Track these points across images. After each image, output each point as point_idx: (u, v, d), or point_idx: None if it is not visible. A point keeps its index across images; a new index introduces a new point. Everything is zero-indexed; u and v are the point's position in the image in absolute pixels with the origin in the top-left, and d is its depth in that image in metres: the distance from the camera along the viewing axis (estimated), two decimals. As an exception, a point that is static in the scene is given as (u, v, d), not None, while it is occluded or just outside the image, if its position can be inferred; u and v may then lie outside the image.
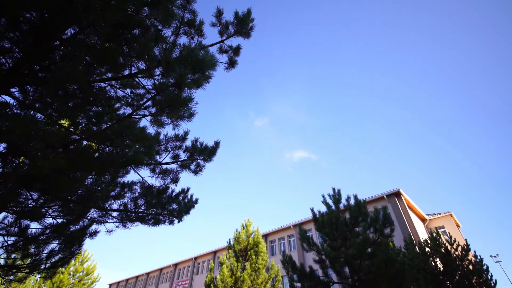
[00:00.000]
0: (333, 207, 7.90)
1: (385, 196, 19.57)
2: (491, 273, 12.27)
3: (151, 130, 3.49)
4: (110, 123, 3.24)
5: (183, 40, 5.04)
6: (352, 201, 7.64)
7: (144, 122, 6.40)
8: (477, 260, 12.70)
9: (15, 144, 3.70)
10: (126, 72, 3.27)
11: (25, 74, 3.48)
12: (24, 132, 3.52)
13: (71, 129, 4.47)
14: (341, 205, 7.90)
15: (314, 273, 7.22)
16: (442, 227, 21.64)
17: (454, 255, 12.67)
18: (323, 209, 8.14)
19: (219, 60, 4.79)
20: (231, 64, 4.46)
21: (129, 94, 3.38)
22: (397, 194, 19.33)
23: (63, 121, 4.71)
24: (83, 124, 4.47)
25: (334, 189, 8.10)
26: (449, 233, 15.76)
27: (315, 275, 7.16)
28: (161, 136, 4.23)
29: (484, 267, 12.43)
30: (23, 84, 3.54)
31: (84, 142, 4.56)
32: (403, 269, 6.40)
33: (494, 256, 30.53)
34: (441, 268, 12.51)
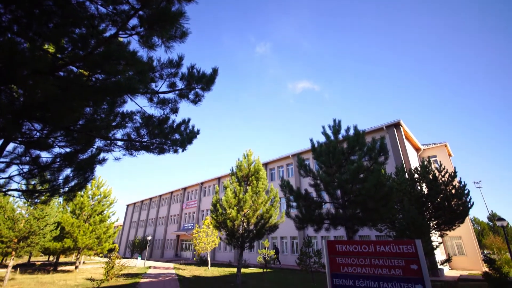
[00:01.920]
0: (332, 138, 8.06)
1: (384, 127, 19.85)
2: (470, 197, 13.50)
3: (143, 53, 3.21)
4: (96, 46, 2.96)
5: None
6: (351, 132, 7.74)
7: (134, 45, 5.95)
8: (461, 185, 13.76)
9: (1, 71, 3.50)
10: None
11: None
12: (7, 55, 3.28)
13: (58, 55, 4.17)
14: (340, 136, 8.04)
15: (308, 194, 7.92)
16: (435, 156, 22.68)
17: (441, 181, 13.68)
18: (323, 140, 8.32)
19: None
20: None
21: (112, 11, 2.96)
22: (397, 125, 19.56)
23: (48, 47, 4.36)
24: (70, 49, 4.14)
25: (334, 120, 8.11)
26: (440, 161, 16.61)
27: (309, 197, 7.87)
28: (155, 63, 3.95)
29: (466, 192, 13.59)
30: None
31: (75, 70, 4.32)
32: (391, 191, 6.96)
33: (477, 183, 33.09)
34: (426, 192, 13.70)
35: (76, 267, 18.89)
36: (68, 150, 5.88)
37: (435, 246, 10.98)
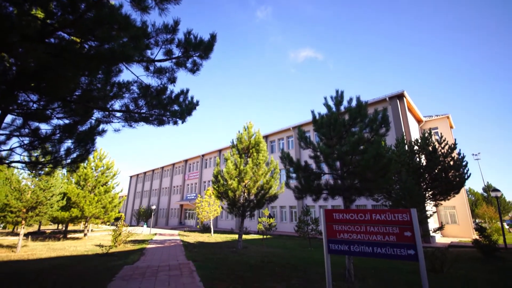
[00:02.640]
0: (334, 109, 7.93)
1: (387, 98, 19.52)
2: (468, 168, 13.68)
3: (136, 17, 3.00)
4: (86, 10, 2.77)
5: None
6: (353, 103, 7.59)
7: (127, 8, 5.63)
8: (460, 157, 13.87)
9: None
10: None
11: None
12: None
13: (48, 21, 3.94)
14: (342, 107, 7.91)
15: (308, 166, 8.01)
16: (436, 128, 22.58)
17: (440, 153, 13.77)
18: (324, 111, 8.20)
19: None
20: None
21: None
22: (400, 96, 19.20)
23: (37, 12, 4.11)
24: (59, 14, 3.91)
25: (337, 91, 7.92)
26: (440, 133, 16.58)
27: (309, 168, 7.97)
28: (149, 28, 3.73)
29: (464, 164, 13.73)
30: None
31: (67, 37, 4.12)
32: (390, 163, 7.02)
33: (476, 155, 33.38)
34: (424, 163, 13.86)
35: (85, 235, 19.86)
36: (67, 121, 5.84)
37: (429, 215, 11.40)
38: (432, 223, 18.42)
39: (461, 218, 20.29)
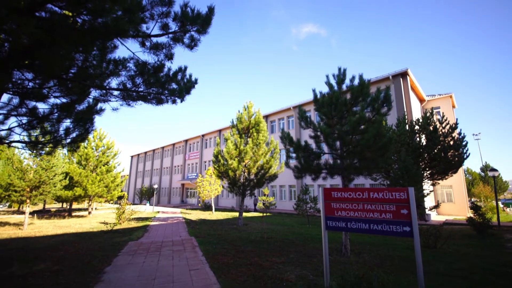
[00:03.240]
0: (336, 88, 7.78)
1: (390, 77, 19.12)
2: (467, 148, 13.71)
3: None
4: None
5: None
6: (356, 82, 7.43)
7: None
8: (460, 137, 13.86)
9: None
10: None
11: None
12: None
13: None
14: (344, 86, 7.75)
15: (308, 146, 8.02)
16: (438, 107, 22.36)
17: (440, 132, 13.73)
18: (326, 90, 8.05)
19: None
20: None
21: None
22: (404, 75, 18.80)
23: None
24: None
25: (339, 69, 7.72)
26: (442, 113, 16.44)
27: (309, 148, 7.99)
28: (144, 1, 3.55)
29: (464, 143, 13.75)
30: None
31: (59, 11, 3.93)
32: (390, 142, 7.02)
33: (476, 135, 33.38)
34: (424, 143, 13.88)
35: (89, 213, 20.39)
36: (64, 100, 5.77)
37: (425, 194, 11.61)
38: (429, 202, 18.83)
39: (457, 197, 20.71)
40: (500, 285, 4.42)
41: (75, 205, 39.01)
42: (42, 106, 5.89)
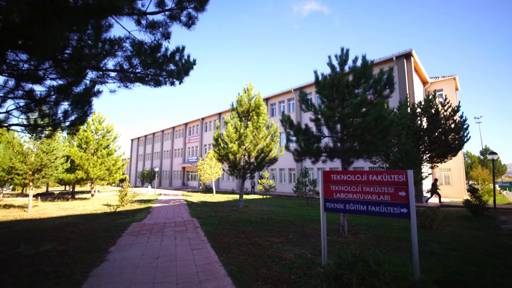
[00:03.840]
0: (338, 69, 7.61)
1: (394, 58, 18.67)
2: (468, 131, 13.66)
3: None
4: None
5: None
6: (359, 63, 7.24)
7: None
8: (461, 120, 13.76)
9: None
10: None
11: None
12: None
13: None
14: (346, 68, 7.57)
15: (308, 129, 7.98)
16: (441, 90, 22.04)
17: (442, 116, 13.61)
18: (328, 72, 7.88)
19: None
20: None
21: None
22: (408, 56, 18.36)
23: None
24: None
25: (342, 49, 7.50)
26: (445, 95, 16.22)
27: (309, 131, 7.95)
28: (138, -24, 3.37)
29: (465, 127, 13.67)
30: None
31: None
32: (391, 125, 6.97)
33: (477, 118, 33.14)
34: (425, 126, 13.80)
35: (92, 195, 20.73)
36: (61, 82, 5.67)
37: (424, 177, 11.72)
38: (427, 185, 19.07)
39: (455, 180, 20.94)
40: (493, 265, 4.56)
41: (78, 188, 39.56)
42: (39, 89, 5.81)
